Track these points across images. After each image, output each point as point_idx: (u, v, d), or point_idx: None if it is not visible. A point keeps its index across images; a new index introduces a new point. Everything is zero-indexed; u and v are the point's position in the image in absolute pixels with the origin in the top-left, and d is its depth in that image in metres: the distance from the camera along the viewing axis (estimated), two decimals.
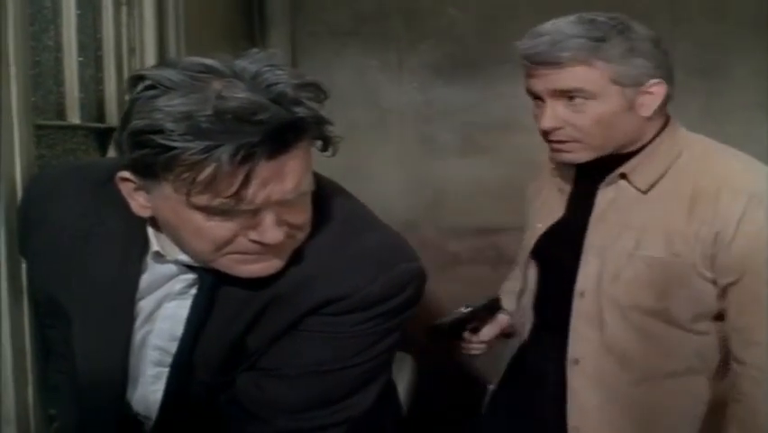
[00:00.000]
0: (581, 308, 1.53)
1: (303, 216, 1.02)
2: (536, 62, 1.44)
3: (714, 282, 1.44)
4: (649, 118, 1.47)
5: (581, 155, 1.49)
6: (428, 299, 1.30)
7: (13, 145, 1.19)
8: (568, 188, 1.62)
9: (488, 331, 1.77)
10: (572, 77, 1.42)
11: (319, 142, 0.99)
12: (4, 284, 1.18)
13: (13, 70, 1.19)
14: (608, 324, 1.50)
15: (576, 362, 1.54)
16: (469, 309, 1.78)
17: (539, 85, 1.46)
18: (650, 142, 1.50)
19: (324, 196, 1.09)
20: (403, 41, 2.94)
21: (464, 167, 2.96)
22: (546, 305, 1.65)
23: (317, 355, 1.09)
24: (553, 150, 1.51)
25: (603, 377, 1.53)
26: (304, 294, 1.06)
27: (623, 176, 1.51)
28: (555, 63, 1.42)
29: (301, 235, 1.04)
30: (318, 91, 0.97)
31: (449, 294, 2.07)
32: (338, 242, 1.08)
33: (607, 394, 1.53)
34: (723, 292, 1.44)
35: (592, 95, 1.43)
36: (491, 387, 1.79)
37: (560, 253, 1.59)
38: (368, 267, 1.07)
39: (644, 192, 1.49)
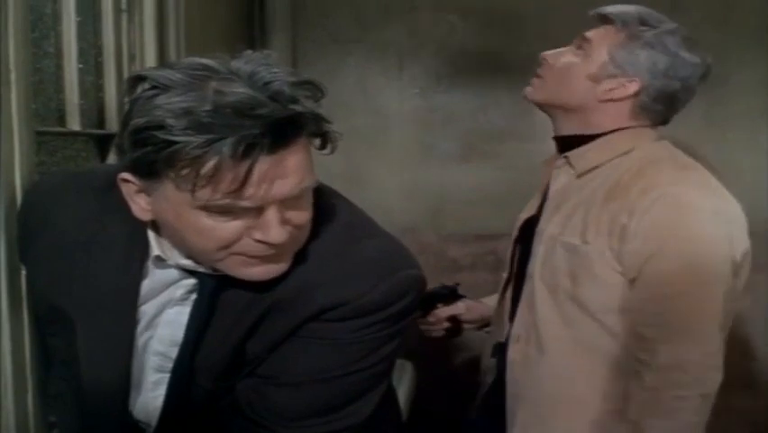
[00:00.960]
0: (525, 290, 1.60)
1: (305, 214, 1.02)
2: (599, 15, 1.57)
3: (624, 276, 1.44)
4: (602, 102, 1.51)
5: (536, 93, 1.60)
6: None
7: (14, 152, 1.19)
8: (546, 181, 1.66)
9: (437, 313, 1.93)
10: (598, 31, 1.55)
11: (318, 140, 0.99)
12: (4, 291, 1.17)
13: (13, 77, 1.18)
14: (537, 306, 1.55)
15: (517, 339, 1.61)
16: None
17: None
18: (607, 134, 1.54)
19: (325, 203, 1.09)
20: (404, 47, 2.94)
21: (464, 173, 2.97)
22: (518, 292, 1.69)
23: (318, 362, 1.09)
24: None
25: (530, 354, 1.57)
26: (304, 300, 1.06)
27: (567, 160, 1.57)
28: (607, 19, 1.54)
29: (302, 236, 1.04)
30: (315, 89, 0.97)
31: None
32: (339, 248, 1.08)
33: (534, 372, 1.57)
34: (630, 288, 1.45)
35: (589, 51, 1.52)
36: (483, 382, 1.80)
37: (530, 242, 1.63)
38: (368, 274, 1.07)
39: (578, 177, 1.54)
